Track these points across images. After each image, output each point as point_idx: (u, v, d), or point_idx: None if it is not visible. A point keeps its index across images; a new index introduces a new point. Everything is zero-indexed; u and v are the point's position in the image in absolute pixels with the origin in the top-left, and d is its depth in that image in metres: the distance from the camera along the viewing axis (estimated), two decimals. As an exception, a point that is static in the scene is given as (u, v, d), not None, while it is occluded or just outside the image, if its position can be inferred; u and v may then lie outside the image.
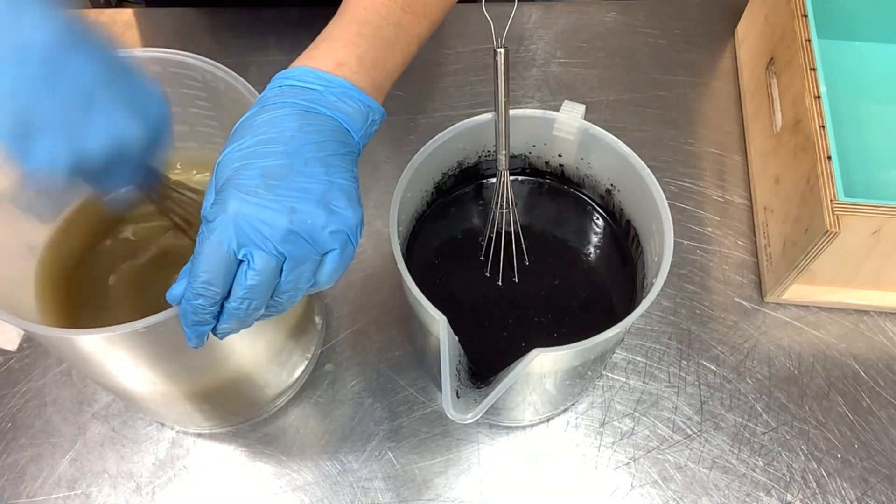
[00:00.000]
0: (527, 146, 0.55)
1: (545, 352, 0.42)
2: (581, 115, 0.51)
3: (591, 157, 0.53)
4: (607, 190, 0.54)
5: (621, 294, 0.53)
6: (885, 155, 0.68)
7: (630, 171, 0.50)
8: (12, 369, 0.59)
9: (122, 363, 0.43)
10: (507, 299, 0.53)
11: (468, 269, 0.54)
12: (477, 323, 0.52)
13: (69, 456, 0.56)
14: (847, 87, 0.71)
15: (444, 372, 0.41)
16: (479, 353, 0.50)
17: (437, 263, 0.54)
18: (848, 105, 0.70)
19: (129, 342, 0.40)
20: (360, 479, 0.55)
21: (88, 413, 0.58)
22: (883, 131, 0.69)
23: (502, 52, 0.46)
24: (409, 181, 0.48)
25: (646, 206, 0.49)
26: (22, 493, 0.55)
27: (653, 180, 0.48)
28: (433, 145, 0.50)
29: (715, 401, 0.58)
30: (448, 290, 0.53)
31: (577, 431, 0.57)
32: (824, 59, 0.59)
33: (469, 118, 0.51)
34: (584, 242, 0.56)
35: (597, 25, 0.79)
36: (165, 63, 0.48)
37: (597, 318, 0.52)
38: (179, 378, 0.47)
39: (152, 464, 0.56)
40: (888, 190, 0.66)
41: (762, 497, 0.55)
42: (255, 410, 0.56)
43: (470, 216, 0.56)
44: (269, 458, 0.56)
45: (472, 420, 0.41)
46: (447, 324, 0.42)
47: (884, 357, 0.60)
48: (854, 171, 0.66)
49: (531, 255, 0.54)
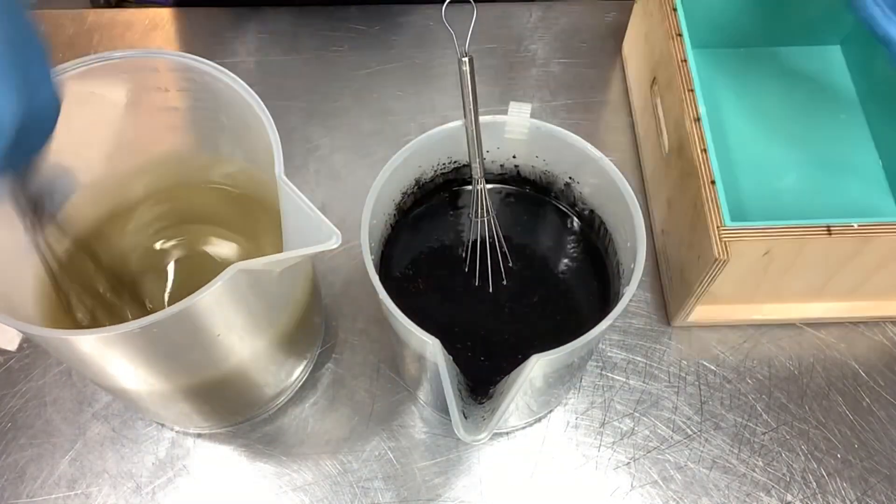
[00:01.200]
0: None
1: (544, 356, 0.41)
2: (528, 113, 0.51)
3: (546, 154, 0.53)
4: (566, 183, 0.55)
5: (599, 283, 0.53)
6: (779, 162, 0.67)
7: (587, 162, 0.50)
8: (12, 369, 0.59)
9: (119, 364, 0.43)
10: (488, 309, 0.53)
11: (444, 287, 0.53)
12: (463, 338, 0.52)
13: (69, 456, 0.56)
14: (736, 94, 0.70)
15: (449, 395, 0.40)
16: (471, 368, 0.49)
17: (412, 286, 0.53)
18: (739, 112, 0.69)
19: (125, 343, 0.40)
20: (360, 479, 0.55)
21: (88, 413, 0.58)
22: (775, 137, 0.68)
23: (466, 60, 0.46)
24: (373, 206, 0.47)
25: (608, 193, 0.50)
26: (22, 493, 0.55)
27: (611, 167, 0.48)
28: (392, 165, 0.49)
29: (715, 401, 0.58)
30: (429, 312, 0.52)
31: (577, 431, 0.57)
32: (711, 67, 0.57)
33: (423, 133, 0.51)
34: (553, 239, 0.56)
35: (597, 25, 0.79)
36: (164, 63, 0.48)
37: (581, 311, 0.52)
38: (177, 378, 0.47)
39: (152, 464, 0.56)
40: (783, 198, 0.65)
41: (762, 497, 0.55)
42: (255, 410, 0.56)
43: (436, 233, 0.56)
44: (269, 458, 0.56)
45: (486, 439, 0.40)
46: (440, 346, 0.42)
47: (884, 357, 0.60)
48: (748, 182, 0.65)
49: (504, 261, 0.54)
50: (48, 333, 0.38)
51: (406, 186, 0.54)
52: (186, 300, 0.38)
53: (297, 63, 0.75)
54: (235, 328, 0.45)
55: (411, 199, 0.55)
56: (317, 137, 0.71)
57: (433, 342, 0.42)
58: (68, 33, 0.78)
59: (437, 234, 0.56)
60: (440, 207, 0.57)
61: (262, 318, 0.48)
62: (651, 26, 0.65)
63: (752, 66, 0.72)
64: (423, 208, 0.56)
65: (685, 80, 0.58)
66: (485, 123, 0.51)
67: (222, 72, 0.46)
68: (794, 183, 0.66)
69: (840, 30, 0.72)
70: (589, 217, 0.55)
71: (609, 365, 0.60)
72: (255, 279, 0.43)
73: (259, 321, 0.48)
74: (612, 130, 0.72)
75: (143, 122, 0.52)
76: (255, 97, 0.45)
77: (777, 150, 0.68)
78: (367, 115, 0.72)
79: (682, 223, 0.57)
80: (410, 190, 0.54)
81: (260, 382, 0.53)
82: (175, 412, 0.53)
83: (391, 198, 0.53)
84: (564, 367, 0.48)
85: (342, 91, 0.74)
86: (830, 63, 0.73)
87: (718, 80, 0.71)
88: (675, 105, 0.58)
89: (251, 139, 0.49)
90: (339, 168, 0.69)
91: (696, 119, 0.56)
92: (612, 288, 0.53)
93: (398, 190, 0.53)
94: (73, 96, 0.48)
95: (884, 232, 0.51)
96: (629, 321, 0.62)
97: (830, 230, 0.51)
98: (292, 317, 0.52)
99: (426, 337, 0.42)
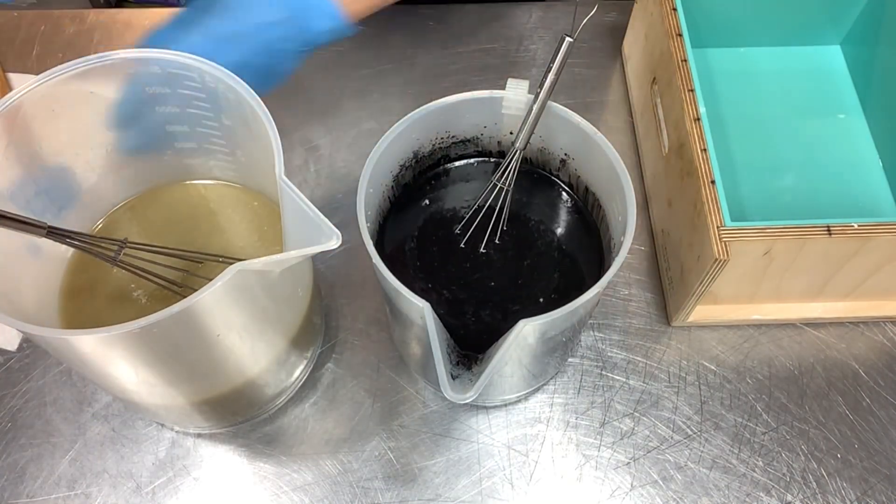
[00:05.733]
0: (477, 129, 0.55)
1: (531, 321, 0.42)
2: (526, 89, 0.51)
3: (542, 130, 0.54)
4: (562, 160, 0.55)
5: (589, 256, 0.54)
6: (779, 162, 0.67)
7: (583, 138, 0.50)
8: (12, 369, 0.59)
9: (119, 364, 0.43)
10: (480, 278, 0.53)
11: (438, 257, 0.54)
12: (454, 305, 0.52)
13: (69, 456, 0.56)
14: (736, 94, 0.70)
15: (437, 356, 0.42)
16: (461, 336, 0.50)
17: (406, 254, 0.54)
18: (739, 112, 0.69)
19: (125, 343, 0.40)
20: (360, 479, 0.55)
21: (88, 413, 0.58)
22: (775, 137, 0.68)
23: (569, 40, 0.48)
24: (370, 176, 0.48)
25: (602, 169, 0.50)
26: (22, 493, 0.55)
27: (606, 143, 0.49)
28: (389, 136, 0.50)
29: (715, 401, 0.58)
30: (423, 278, 0.53)
31: (576, 431, 0.57)
32: (711, 67, 0.57)
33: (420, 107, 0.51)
34: (547, 212, 0.56)
35: (597, 25, 0.79)
36: (164, 63, 0.48)
37: (571, 283, 0.53)
38: (177, 378, 0.47)
39: (152, 464, 0.56)
40: (782, 198, 0.65)
41: (762, 497, 0.55)
42: (255, 410, 0.56)
43: (434, 206, 0.56)
44: (269, 458, 0.56)
45: (471, 398, 0.42)
46: (431, 309, 0.43)
47: (884, 357, 0.60)
48: (748, 182, 0.65)
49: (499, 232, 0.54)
50: (48, 333, 0.38)
51: (404, 159, 0.54)
52: (186, 300, 0.38)
53: (297, 63, 0.75)
54: (235, 328, 0.45)
55: (409, 173, 0.56)
56: (317, 137, 0.71)
57: (423, 305, 0.43)
58: (68, 33, 0.78)
59: (435, 207, 0.56)
60: (438, 181, 0.57)
61: (262, 318, 0.48)
62: (651, 26, 0.65)
63: (752, 66, 0.72)
64: (421, 181, 0.57)
65: (685, 80, 0.58)
66: (482, 98, 0.52)
67: (223, 72, 0.46)
68: (794, 183, 0.66)
69: (840, 30, 0.72)
70: (584, 194, 0.55)
71: (609, 365, 0.60)
72: (256, 279, 0.43)
73: (259, 321, 0.48)
74: (612, 130, 0.72)
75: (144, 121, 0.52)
76: (255, 97, 0.45)
77: (777, 150, 0.68)
78: (367, 115, 0.72)
79: (682, 223, 0.57)
80: (408, 163, 0.55)
81: (260, 382, 0.53)
82: (176, 412, 0.53)
83: (389, 170, 0.53)
84: (558, 334, 0.49)
85: (342, 91, 0.74)
86: (830, 63, 0.73)
87: (718, 80, 0.71)
88: (675, 105, 0.58)
89: (251, 139, 0.49)
90: (339, 168, 0.69)
91: (696, 119, 0.56)
92: (604, 262, 0.53)
93: (396, 162, 0.54)
94: (73, 96, 0.48)
95: (884, 232, 0.51)
96: (629, 321, 0.62)
97: (830, 230, 0.51)
98: (293, 317, 0.52)
99: (417, 300, 0.43)
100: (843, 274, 0.56)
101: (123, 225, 0.56)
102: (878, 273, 0.56)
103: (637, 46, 0.71)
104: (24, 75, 0.74)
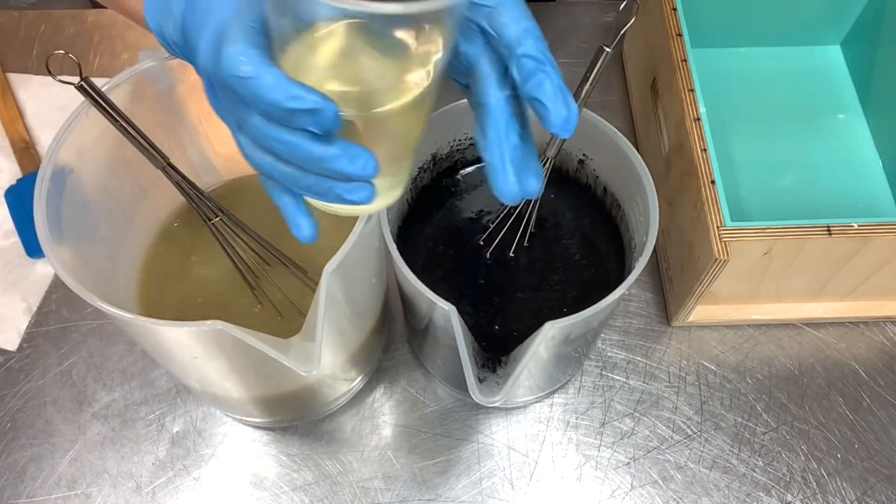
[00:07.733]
0: None
1: (558, 323, 0.42)
2: None
3: None
4: (580, 160, 0.55)
5: (610, 256, 0.54)
6: (779, 162, 0.67)
7: (601, 138, 0.50)
8: (12, 369, 0.59)
9: (199, 355, 0.44)
10: (505, 279, 0.53)
11: (461, 259, 0.54)
12: (479, 307, 0.52)
13: (69, 456, 0.56)
14: (736, 94, 0.70)
15: (465, 360, 0.42)
16: (485, 337, 0.50)
17: (429, 258, 0.54)
18: (739, 112, 0.69)
19: (205, 337, 0.41)
20: (360, 479, 0.55)
21: (88, 413, 0.58)
22: (775, 137, 0.68)
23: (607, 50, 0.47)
24: None
25: (621, 169, 0.50)
26: (22, 493, 0.55)
27: (625, 142, 0.49)
28: None
29: (715, 401, 0.58)
30: (447, 283, 0.53)
31: (576, 431, 0.57)
32: (711, 67, 0.57)
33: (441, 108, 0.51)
34: (567, 214, 0.56)
35: (597, 25, 0.79)
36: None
37: (593, 284, 0.53)
38: (252, 377, 0.48)
39: (152, 464, 0.56)
40: (783, 197, 0.65)
41: (762, 497, 0.55)
42: (317, 409, 0.57)
43: (454, 209, 0.56)
44: (269, 458, 0.56)
45: (500, 401, 0.41)
46: (457, 312, 0.43)
47: (884, 357, 0.60)
48: (748, 182, 0.65)
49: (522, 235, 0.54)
50: (142, 322, 0.39)
51: (422, 161, 0.54)
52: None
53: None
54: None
55: (427, 176, 0.56)
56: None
57: (450, 308, 0.43)
58: (68, 33, 0.78)
59: (455, 211, 0.56)
60: (456, 186, 0.57)
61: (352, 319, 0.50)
62: (651, 26, 0.65)
63: (752, 66, 0.72)
64: (439, 185, 0.57)
65: (685, 80, 0.58)
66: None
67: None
68: (794, 183, 0.66)
69: (840, 30, 0.72)
70: (602, 193, 0.55)
71: (609, 365, 0.60)
72: (343, 281, 0.43)
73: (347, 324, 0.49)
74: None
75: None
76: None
77: (777, 150, 0.68)
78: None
79: (682, 223, 0.57)
80: (427, 165, 0.55)
81: (325, 383, 0.54)
82: (241, 407, 0.54)
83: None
84: (580, 336, 0.49)
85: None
86: (830, 63, 0.73)
87: (718, 80, 0.71)
88: (675, 105, 0.58)
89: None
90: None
91: (696, 119, 0.56)
92: (626, 262, 0.53)
93: (414, 165, 0.53)
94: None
95: (884, 232, 0.51)
96: (629, 321, 0.62)
97: (830, 230, 0.51)
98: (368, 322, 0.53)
99: (443, 304, 0.43)
100: (843, 274, 0.56)
101: (224, 201, 0.56)
102: (878, 273, 0.56)
103: (637, 46, 0.71)
104: (25, 75, 0.75)
